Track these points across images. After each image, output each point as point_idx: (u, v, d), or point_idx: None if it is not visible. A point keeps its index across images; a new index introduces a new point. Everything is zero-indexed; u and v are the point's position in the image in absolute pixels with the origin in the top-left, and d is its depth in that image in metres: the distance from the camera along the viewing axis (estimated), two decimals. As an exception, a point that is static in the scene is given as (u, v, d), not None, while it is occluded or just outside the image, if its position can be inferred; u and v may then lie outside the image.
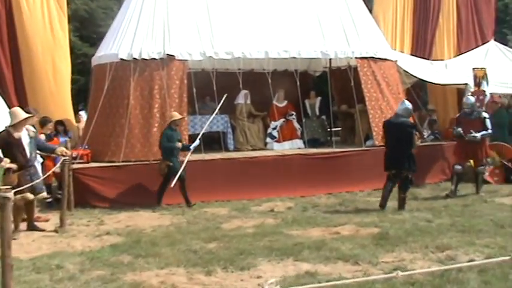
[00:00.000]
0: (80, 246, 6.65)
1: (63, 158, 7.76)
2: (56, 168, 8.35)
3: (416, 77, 12.51)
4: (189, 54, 10.11)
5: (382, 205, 8.45)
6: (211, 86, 10.19)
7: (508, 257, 3.24)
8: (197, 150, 10.04)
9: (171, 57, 9.97)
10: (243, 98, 11.33)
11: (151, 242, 6.75)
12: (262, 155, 10.43)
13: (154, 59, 9.90)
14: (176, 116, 9.18)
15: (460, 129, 9.47)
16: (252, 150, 11.08)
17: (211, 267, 5.63)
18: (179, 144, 9.08)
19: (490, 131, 9.58)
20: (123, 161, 9.49)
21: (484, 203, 8.73)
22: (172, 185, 8.85)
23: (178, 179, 8.86)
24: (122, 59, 9.90)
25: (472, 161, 9.69)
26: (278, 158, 10.34)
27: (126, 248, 6.50)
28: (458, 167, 9.46)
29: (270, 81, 10.55)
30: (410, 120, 8.97)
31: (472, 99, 9.83)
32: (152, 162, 9.46)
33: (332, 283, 3.21)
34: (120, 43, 10.09)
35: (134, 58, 9.87)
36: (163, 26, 10.12)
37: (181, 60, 10.05)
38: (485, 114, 9.63)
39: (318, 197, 9.73)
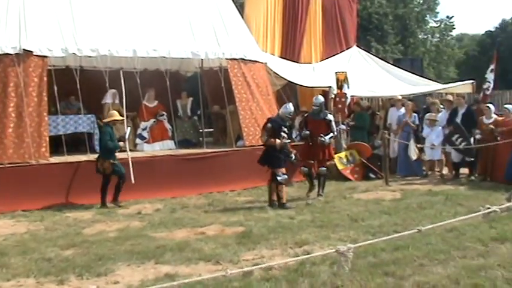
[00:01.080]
0: None
1: None
2: None
3: (285, 79, 12.99)
4: (49, 50, 9.47)
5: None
6: (76, 84, 9.69)
7: (332, 250, 3.44)
8: (61, 152, 9.57)
9: (28, 52, 9.26)
10: (110, 98, 10.87)
11: (-1, 252, 6.23)
12: (131, 157, 10.10)
13: (9, 54, 9.14)
14: (117, 116, 9.16)
15: (307, 131, 9.45)
16: (121, 151, 10.67)
17: (65, 276, 5.35)
18: (121, 144, 9.10)
19: (336, 133, 9.82)
20: (-28, 165, 8.66)
21: (344, 199, 9.25)
22: (133, 181, 9.05)
23: (119, 176, 8.99)
24: (-31, 53, 9.03)
25: (316, 161, 9.53)
26: (148, 159, 10.13)
27: (-31, 260, 5.92)
28: (305, 169, 9.56)
29: (138, 80, 10.27)
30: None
31: (321, 98, 9.75)
32: (7, 166, 8.75)
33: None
34: (-33, 35, 9.18)
35: (-16, 52, 9.06)
36: (19, 18, 9.36)
37: (40, 56, 9.39)
38: (330, 117, 9.62)
39: (188, 198, 9.68)
